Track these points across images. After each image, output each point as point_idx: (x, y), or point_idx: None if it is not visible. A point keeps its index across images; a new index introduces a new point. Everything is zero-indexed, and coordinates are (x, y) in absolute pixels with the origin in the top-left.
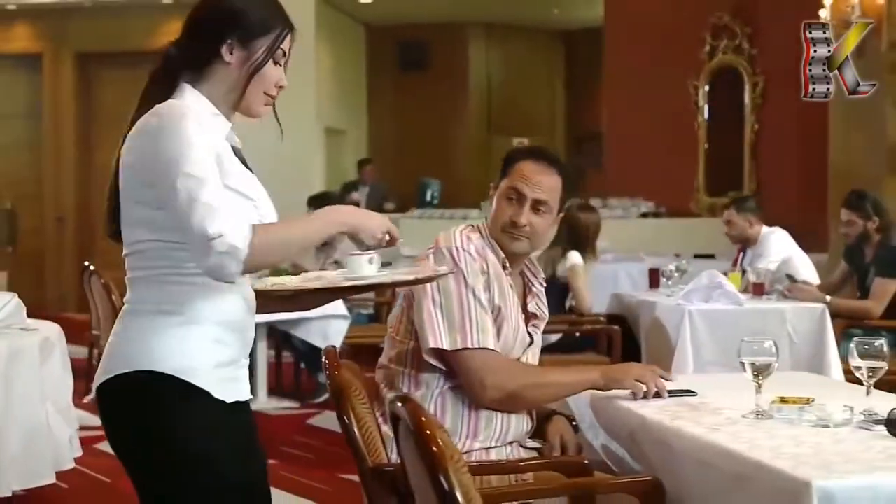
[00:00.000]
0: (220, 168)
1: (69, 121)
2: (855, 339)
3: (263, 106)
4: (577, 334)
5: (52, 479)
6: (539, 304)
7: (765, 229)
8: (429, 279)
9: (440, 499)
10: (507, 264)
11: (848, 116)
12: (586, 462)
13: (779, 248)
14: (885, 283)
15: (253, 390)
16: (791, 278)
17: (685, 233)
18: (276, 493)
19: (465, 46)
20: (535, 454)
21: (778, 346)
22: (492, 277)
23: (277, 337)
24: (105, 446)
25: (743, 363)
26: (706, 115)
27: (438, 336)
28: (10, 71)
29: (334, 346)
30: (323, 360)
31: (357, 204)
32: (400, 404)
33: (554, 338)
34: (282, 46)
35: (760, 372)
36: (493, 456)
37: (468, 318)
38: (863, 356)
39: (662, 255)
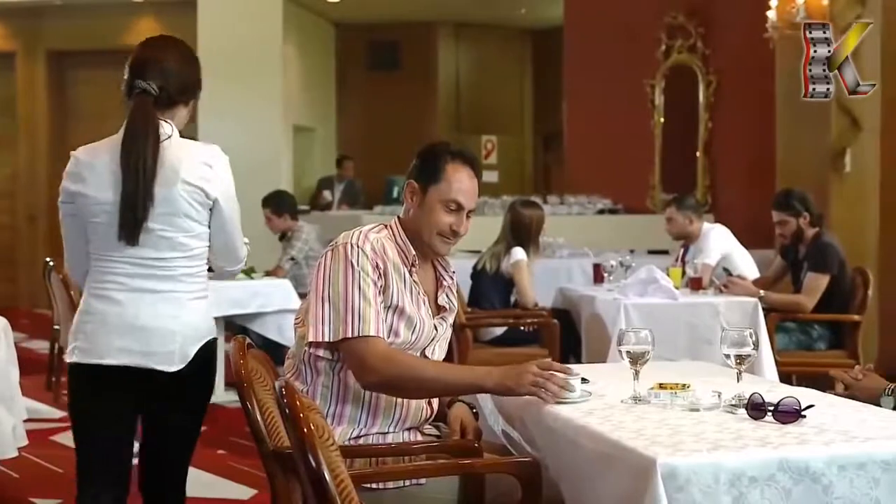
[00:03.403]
0: None
1: (42, 119)
2: (725, 329)
3: None
4: (522, 328)
5: None
6: (449, 296)
7: (705, 226)
8: None
9: (309, 476)
10: (417, 262)
11: (795, 116)
12: (476, 445)
13: (718, 243)
14: (816, 278)
15: None
16: (727, 272)
17: (641, 229)
18: (227, 483)
19: (434, 46)
20: (432, 439)
21: (653, 336)
22: (390, 274)
23: (234, 331)
24: (57, 437)
25: (620, 352)
26: (662, 114)
27: (319, 330)
28: None
29: (243, 337)
30: (231, 349)
31: (329, 203)
32: (280, 389)
33: (499, 331)
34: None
35: (637, 360)
36: (390, 440)
37: (350, 309)
38: (732, 344)
39: (618, 251)
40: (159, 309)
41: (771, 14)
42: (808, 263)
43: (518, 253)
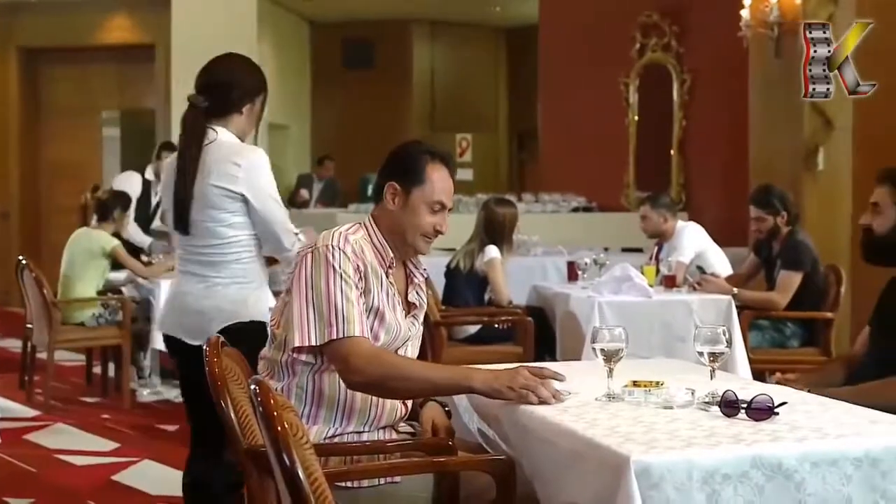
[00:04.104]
0: None
1: (14, 116)
2: (699, 326)
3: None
4: (497, 326)
5: None
6: (419, 293)
7: (679, 224)
8: None
9: (283, 475)
10: (394, 263)
11: (768, 115)
12: (451, 443)
13: (692, 241)
14: (789, 276)
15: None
16: (701, 270)
17: (615, 227)
18: None
19: (408, 44)
20: (406, 437)
21: (627, 334)
22: (369, 278)
23: None
24: (30, 436)
25: (594, 349)
26: (636, 112)
27: (306, 334)
28: None
29: (218, 335)
30: (205, 347)
31: (306, 201)
32: (254, 387)
33: (473, 329)
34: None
35: (611, 357)
36: (365, 438)
37: (334, 311)
38: (705, 342)
39: (592, 249)
40: (196, 290)
41: (744, 13)
42: (781, 261)
43: (492, 251)
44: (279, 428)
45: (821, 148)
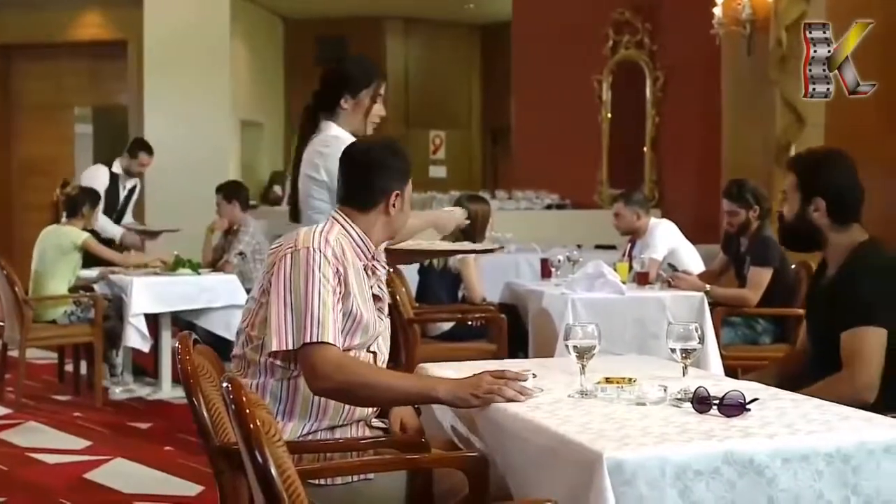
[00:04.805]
0: None
1: None
2: (671, 323)
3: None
4: (470, 323)
5: None
6: (381, 286)
7: (652, 221)
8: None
9: (256, 472)
10: (376, 256)
11: (740, 112)
12: (423, 440)
13: (665, 239)
14: (759, 272)
15: (157, 379)
16: (673, 268)
17: (588, 224)
18: (174, 480)
19: (382, 40)
20: (379, 433)
21: (600, 331)
22: (349, 280)
23: (181, 327)
24: (2, 434)
25: (567, 346)
26: (609, 110)
27: (283, 338)
28: None
29: (188, 332)
30: (176, 345)
31: (279, 198)
32: (226, 385)
33: (447, 327)
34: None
35: (584, 354)
36: (338, 435)
37: (310, 315)
38: (678, 338)
39: (565, 246)
40: None
41: (717, 11)
42: (751, 258)
43: None
44: (251, 425)
45: (793, 144)
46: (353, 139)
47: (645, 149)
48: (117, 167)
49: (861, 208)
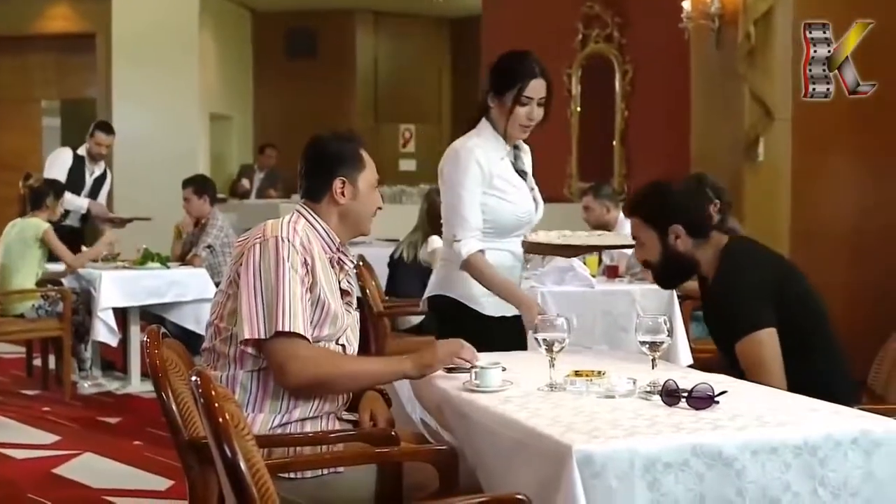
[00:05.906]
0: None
1: None
2: (640, 316)
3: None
4: None
5: None
6: (350, 280)
7: (621, 214)
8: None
9: (225, 466)
10: (342, 248)
11: (709, 106)
12: (393, 433)
13: None
14: None
15: (126, 373)
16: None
17: (558, 217)
18: (143, 475)
19: (352, 33)
20: (349, 426)
21: (570, 324)
22: (317, 271)
23: (150, 321)
24: None
25: (536, 339)
26: (578, 103)
27: (254, 326)
28: None
29: (157, 326)
30: (145, 339)
31: (247, 191)
32: (195, 378)
33: (416, 320)
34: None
35: (553, 347)
36: (308, 428)
37: (281, 306)
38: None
39: None
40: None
41: (686, 5)
42: None
43: (435, 241)
44: (220, 419)
45: (761, 139)
46: (465, 138)
47: (614, 142)
48: (83, 150)
49: (709, 213)
